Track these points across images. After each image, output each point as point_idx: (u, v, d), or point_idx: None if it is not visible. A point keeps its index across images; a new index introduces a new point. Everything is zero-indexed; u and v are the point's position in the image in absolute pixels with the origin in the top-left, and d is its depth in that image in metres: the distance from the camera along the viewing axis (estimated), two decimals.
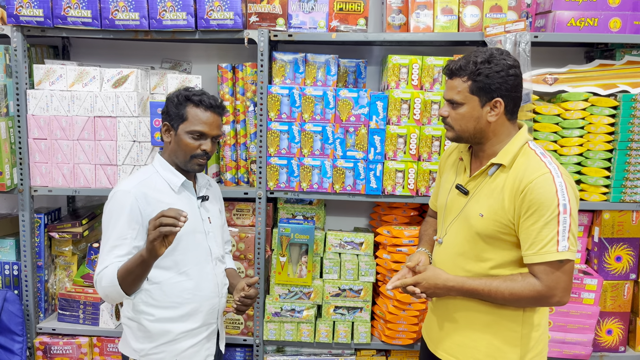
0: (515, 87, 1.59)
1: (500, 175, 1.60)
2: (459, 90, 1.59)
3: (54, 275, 2.61)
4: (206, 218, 1.87)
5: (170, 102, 1.79)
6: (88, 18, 2.26)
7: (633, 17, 2.30)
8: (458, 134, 1.65)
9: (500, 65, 1.55)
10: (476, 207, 1.63)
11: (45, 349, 2.50)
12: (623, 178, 2.31)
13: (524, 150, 1.61)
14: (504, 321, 1.64)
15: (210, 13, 2.25)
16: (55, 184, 2.41)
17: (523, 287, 1.54)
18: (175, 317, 1.79)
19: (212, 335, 1.91)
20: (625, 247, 2.38)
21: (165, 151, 1.84)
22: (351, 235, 2.51)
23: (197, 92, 1.79)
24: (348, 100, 2.33)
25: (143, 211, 1.71)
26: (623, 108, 2.27)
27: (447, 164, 1.86)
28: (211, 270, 1.86)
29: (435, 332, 1.80)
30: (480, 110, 1.59)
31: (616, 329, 2.43)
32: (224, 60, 2.66)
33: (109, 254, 1.70)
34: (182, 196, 1.82)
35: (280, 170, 2.39)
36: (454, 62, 1.61)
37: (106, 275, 1.67)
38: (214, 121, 1.79)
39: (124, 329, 1.87)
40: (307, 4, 2.33)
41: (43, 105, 2.35)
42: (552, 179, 1.51)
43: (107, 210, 1.75)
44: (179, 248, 1.76)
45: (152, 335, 1.79)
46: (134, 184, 1.75)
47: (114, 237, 1.70)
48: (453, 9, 2.34)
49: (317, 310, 2.51)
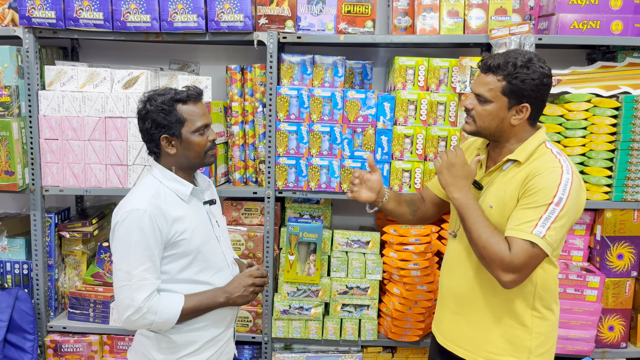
0: (545, 96, 1.62)
1: (514, 169, 1.64)
2: (490, 88, 1.60)
3: (64, 274, 2.64)
4: (215, 223, 1.82)
5: (156, 114, 1.65)
6: (100, 20, 2.29)
7: (634, 19, 2.35)
8: (478, 129, 1.66)
9: (537, 73, 1.57)
10: (487, 200, 1.67)
11: (56, 347, 2.52)
12: (625, 177, 2.36)
13: (541, 148, 1.64)
14: (516, 314, 1.67)
15: (221, 15, 2.28)
16: (67, 183, 2.44)
17: (497, 244, 1.54)
18: (202, 326, 1.74)
19: (230, 339, 1.89)
20: (627, 245, 2.43)
21: (168, 161, 1.72)
22: (358, 234, 2.55)
23: (177, 90, 1.69)
24: (356, 101, 2.37)
25: (162, 229, 1.63)
26: (625, 109, 2.32)
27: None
28: (229, 275, 1.81)
29: (446, 326, 1.83)
30: (506, 112, 1.61)
31: (618, 325, 2.48)
32: (231, 62, 2.69)
33: (144, 281, 1.61)
34: (192, 205, 1.74)
35: (289, 170, 2.43)
36: (492, 57, 1.61)
37: (162, 311, 1.62)
38: (205, 109, 1.73)
39: (139, 338, 1.77)
40: (315, 7, 2.37)
41: (54, 106, 2.38)
42: (560, 173, 1.55)
43: (124, 231, 1.62)
44: (198, 259, 1.71)
45: (177, 346, 1.71)
46: (147, 200, 1.64)
47: (143, 260, 1.61)
48: (459, 12, 2.38)
49: (324, 307, 2.54)
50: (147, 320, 1.62)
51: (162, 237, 1.64)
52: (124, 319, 1.64)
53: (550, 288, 1.71)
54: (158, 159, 1.75)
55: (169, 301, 1.65)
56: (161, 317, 1.63)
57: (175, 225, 1.65)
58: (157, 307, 1.62)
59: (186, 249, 1.68)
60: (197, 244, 1.70)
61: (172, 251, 1.67)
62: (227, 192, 2.51)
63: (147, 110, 1.67)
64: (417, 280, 2.43)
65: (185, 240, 1.67)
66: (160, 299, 1.64)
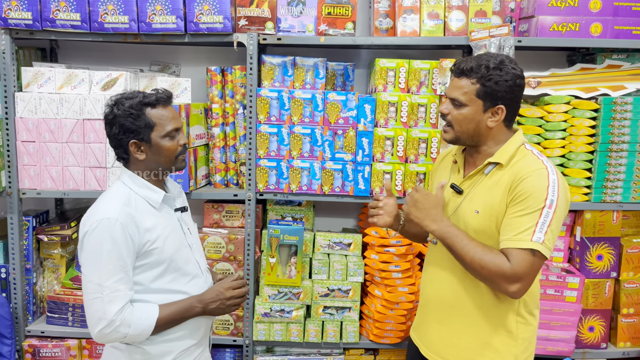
0: (519, 97, 1.63)
1: (497, 173, 1.63)
2: (465, 91, 1.60)
3: (42, 278, 2.61)
4: (187, 230, 1.76)
5: (124, 119, 1.60)
6: (77, 21, 2.27)
7: (614, 22, 2.36)
8: (457, 135, 1.66)
9: (510, 75, 1.58)
10: (472, 205, 1.65)
11: (34, 351, 2.49)
12: (604, 179, 2.38)
13: (521, 150, 1.65)
14: (502, 321, 1.66)
15: (200, 17, 2.27)
16: (44, 186, 2.41)
17: (493, 260, 1.53)
18: (177, 336, 1.69)
19: (206, 347, 1.85)
20: (606, 246, 2.44)
21: (138, 166, 1.67)
22: (340, 236, 2.55)
23: (145, 94, 1.64)
24: (336, 103, 2.37)
25: (134, 237, 1.58)
26: (604, 111, 2.34)
27: (440, 168, 1.88)
28: (204, 283, 1.77)
29: (431, 337, 1.79)
30: (482, 115, 1.61)
31: (598, 326, 2.50)
32: (212, 63, 2.67)
33: (116, 292, 1.55)
34: (163, 212, 1.69)
35: (270, 172, 2.41)
36: (464, 61, 1.62)
37: (136, 324, 1.57)
38: (175, 112, 1.68)
39: (110, 350, 1.70)
40: (295, 8, 2.36)
41: (31, 107, 2.35)
42: (547, 174, 1.55)
43: (95, 240, 1.55)
44: (170, 268, 1.66)
45: (151, 357, 1.66)
46: (118, 208, 1.58)
47: (115, 270, 1.55)
48: (439, 14, 2.38)
49: (306, 310, 2.53)
50: (120, 333, 1.57)
51: (134, 246, 1.58)
52: (96, 333, 1.57)
53: (534, 293, 1.71)
54: (127, 164, 1.69)
55: (142, 312, 1.60)
56: (135, 330, 1.58)
57: (147, 233, 1.60)
58: (131, 319, 1.57)
59: (158, 258, 1.63)
60: (170, 252, 1.65)
61: (144, 260, 1.62)
62: (209, 194, 2.49)
63: (114, 115, 1.61)
64: (398, 282, 2.43)
65: (157, 249, 1.62)
66: (133, 310, 1.58)
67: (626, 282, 2.46)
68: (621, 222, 2.45)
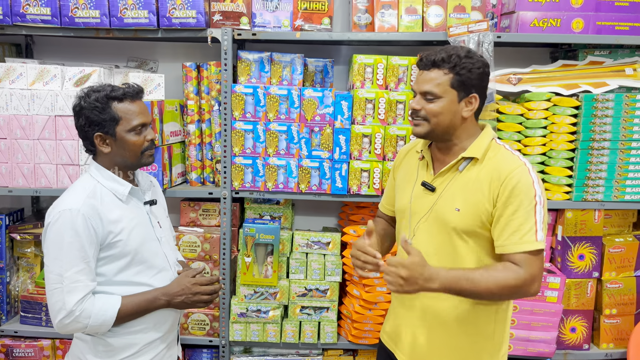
0: (487, 85, 1.63)
1: (472, 169, 1.60)
2: (438, 83, 1.56)
3: (16, 277, 2.57)
4: (156, 224, 1.76)
5: (90, 111, 1.60)
6: (47, 15, 2.23)
7: (595, 17, 2.32)
8: (431, 129, 1.60)
9: (479, 62, 1.58)
10: (450, 202, 1.60)
11: (7, 351, 2.45)
12: (585, 177, 2.34)
13: (493, 145, 1.63)
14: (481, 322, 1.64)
15: (173, 11, 2.23)
16: (16, 184, 2.37)
17: (507, 275, 1.49)
18: (140, 329, 1.69)
19: (173, 342, 1.84)
20: (588, 245, 2.40)
21: (105, 159, 1.68)
22: (318, 235, 2.51)
23: (114, 87, 1.64)
24: (313, 100, 2.33)
25: (97, 229, 1.58)
26: (585, 108, 2.29)
27: (403, 164, 1.82)
28: (172, 277, 1.76)
29: (407, 342, 1.74)
30: (457, 105, 1.58)
31: (580, 326, 2.46)
32: (190, 59, 2.63)
33: (76, 283, 1.55)
34: (130, 205, 1.70)
35: (246, 170, 2.37)
36: (432, 54, 1.58)
37: (96, 314, 1.57)
38: (144, 107, 1.68)
39: (77, 343, 1.71)
40: (271, 3, 2.32)
41: (2, 104, 2.31)
42: (528, 170, 1.55)
43: (56, 232, 1.56)
44: (135, 261, 1.66)
45: (114, 350, 1.66)
46: (81, 200, 1.59)
47: (76, 261, 1.56)
48: (417, 9, 2.34)
49: (283, 310, 2.50)
50: (80, 324, 1.58)
51: (97, 238, 1.59)
52: (56, 323, 1.59)
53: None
54: (95, 157, 1.71)
55: (103, 303, 1.60)
56: (95, 321, 1.59)
57: (111, 225, 1.61)
58: (91, 310, 1.58)
59: (123, 250, 1.64)
60: (135, 245, 1.65)
61: (108, 252, 1.63)
62: (183, 192, 2.45)
63: (80, 107, 1.63)
64: (376, 282, 2.39)
65: (121, 241, 1.63)
66: (94, 301, 1.59)
67: (608, 282, 2.42)
68: (603, 221, 2.40)
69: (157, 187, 1.91)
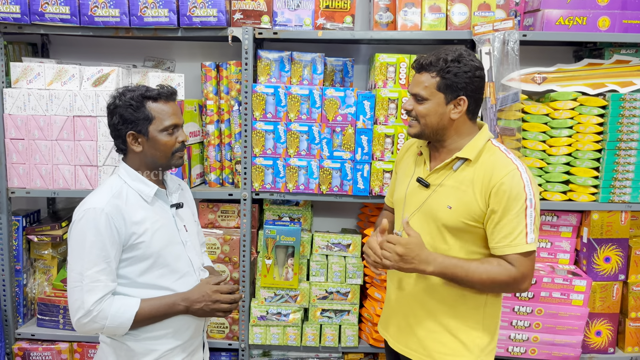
0: (479, 88, 1.65)
1: (466, 169, 1.64)
2: (426, 86, 1.62)
3: (33, 279, 2.54)
4: (182, 227, 1.74)
5: (124, 109, 1.62)
6: (66, 14, 2.20)
7: (622, 15, 2.28)
8: (422, 129, 1.67)
9: (468, 66, 1.60)
10: (442, 199, 1.65)
11: (25, 354, 2.42)
12: (612, 178, 2.30)
13: (488, 146, 1.66)
14: (470, 314, 1.68)
15: (193, 10, 2.19)
16: (34, 185, 2.34)
17: (500, 271, 1.58)
18: (161, 334, 1.66)
19: (197, 349, 1.80)
20: (614, 247, 2.36)
21: (135, 159, 1.68)
22: (338, 237, 2.47)
23: (148, 88, 1.65)
24: (335, 100, 2.29)
25: (119, 229, 1.57)
26: (612, 108, 2.25)
27: (405, 159, 1.88)
28: (196, 282, 1.73)
29: (395, 328, 1.81)
30: (444, 107, 1.63)
31: (605, 330, 2.42)
32: (208, 59, 2.60)
33: (96, 282, 1.55)
34: (156, 207, 1.68)
35: (266, 171, 2.34)
36: (423, 57, 1.64)
37: (113, 316, 1.56)
38: (177, 109, 1.69)
39: (102, 347, 1.71)
40: (292, 1, 2.28)
41: (20, 104, 2.28)
42: (519, 174, 1.58)
43: (79, 230, 1.56)
44: (158, 264, 1.64)
45: (135, 355, 1.65)
46: (106, 199, 1.59)
47: (97, 261, 1.55)
48: (441, 7, 2.30)
49: (303, 313, 2.46)
50: (97, 324, 1.57)
51: (119, 238, 1.58)
52: (75, 322, 1.58)
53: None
54: (125, 157, 1.70)
55: (122, 305, 1.58)
56: (112, 322, 1.57)
57: (134, 227, 1.60)
58: (109, 311, 1.56)
59: (145, 252, 1.61)
60: (157, 247, 1.63)
61: (130, 253, 1.61)
62: (202, 193, 2.42)
63: (115, 105, 1.64)
64: None
65: (144, 242, 1.61)
66: (112, 302, 1.58)
67: (635, 285, 2.38)
68: (630, 222, 2.36)
69: (187, 191, 1.90)
